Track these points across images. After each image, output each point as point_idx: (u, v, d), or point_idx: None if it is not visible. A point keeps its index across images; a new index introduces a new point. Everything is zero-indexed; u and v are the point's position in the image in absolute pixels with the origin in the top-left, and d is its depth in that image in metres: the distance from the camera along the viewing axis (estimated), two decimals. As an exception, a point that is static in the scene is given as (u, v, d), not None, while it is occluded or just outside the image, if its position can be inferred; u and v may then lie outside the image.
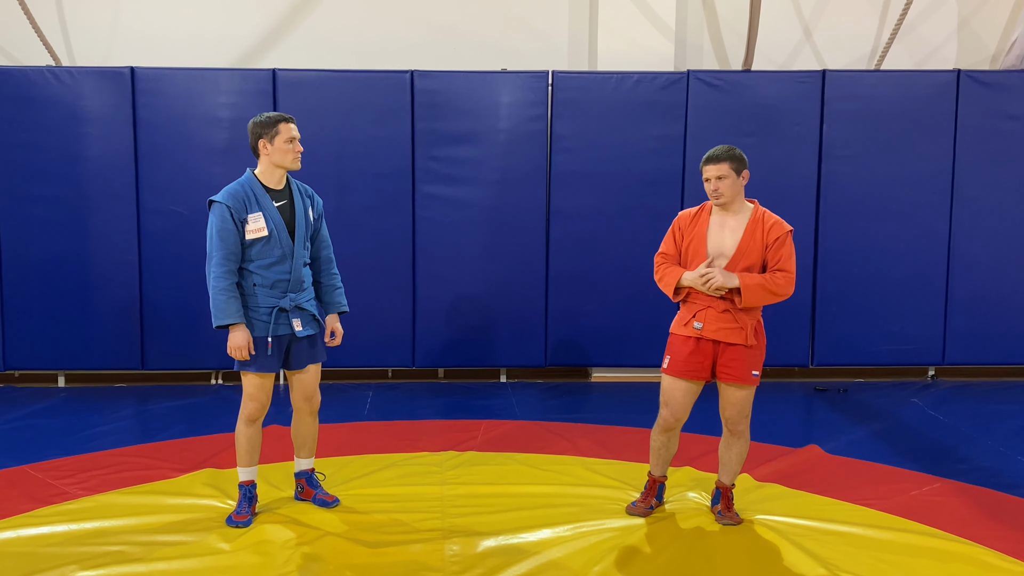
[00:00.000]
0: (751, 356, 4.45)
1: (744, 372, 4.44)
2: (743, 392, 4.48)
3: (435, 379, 7.97)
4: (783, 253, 4.39)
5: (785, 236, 4.40)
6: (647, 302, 7.69)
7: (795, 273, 4.42)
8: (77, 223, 7.35)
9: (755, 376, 4.47)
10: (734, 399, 4.49)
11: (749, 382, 4.45)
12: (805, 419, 6.87)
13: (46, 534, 4.38)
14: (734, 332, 4.42)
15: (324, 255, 4.77)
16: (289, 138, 4.47)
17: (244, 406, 4.56)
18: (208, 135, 7.36)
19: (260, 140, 4.47)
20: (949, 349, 7.82)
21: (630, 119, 7.51)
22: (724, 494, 4.64)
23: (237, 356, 4.40)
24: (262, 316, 4.46)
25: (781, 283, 4.36)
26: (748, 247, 4.41)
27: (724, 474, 4.66)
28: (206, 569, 4.03)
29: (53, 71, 7.27)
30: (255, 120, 4.49)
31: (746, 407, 4.53)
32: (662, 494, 4.80)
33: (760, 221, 4.44)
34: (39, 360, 7.49)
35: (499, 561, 4.12)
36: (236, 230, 4.39)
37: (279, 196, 4.55)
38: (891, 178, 7.64)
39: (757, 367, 4.47)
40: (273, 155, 4.48)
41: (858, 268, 7.71)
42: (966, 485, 5.16)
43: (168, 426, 6.37)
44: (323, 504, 4.79)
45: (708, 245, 4.49)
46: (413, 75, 7.43)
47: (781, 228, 4.41)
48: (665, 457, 4.73)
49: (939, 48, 8.29)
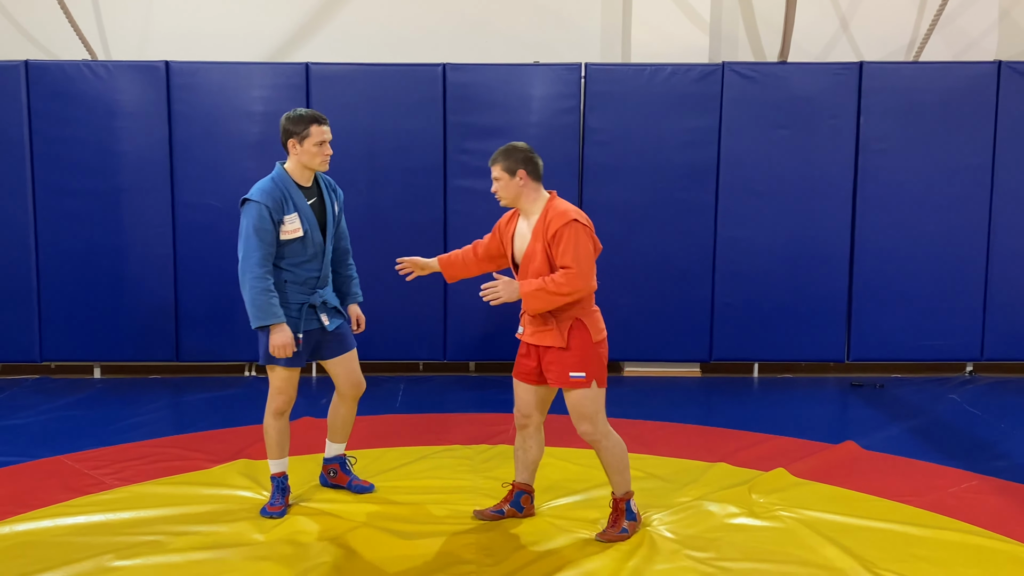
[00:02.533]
0: (567, 358, 4.17)
1: (561, 374, 4.17)
2: (573, 396, 4.19)
3: (466, 372, 7.97)
4: (562, 248, 4.09)
5: (563, 229, 4.09)
6: (680, 296, 7.65)
7: (584, 265, 4.08)
8: (113, 216, 7.41)
9: (576, 379, 4.15)
10: (568, 406, 4.23)
11: (568, 384, 4.16)
12: (841, 415, 6.80)
13: (82, 523, 4.42)
14: (545, 334, 4.21)
15: (343, 247, 4.78)
16: (319, 141, 4.42)
17: (272, 399, 4.56)
18: (241, 129, 7.39)
19: (290, 139, 4.44)
20: (988, 344, 7.70)
21: (664, 112, 7.46)
22: (613, 506, 4.34)
23: (280, 354, 4.39)
24: (292, 312, 4.47)
25: (560, 282, 4.05)
26: (534, 250, 4.19)
27: (611, 484, 4.36)
28: (240, 559, 4.05)
29: (89, 65, 7.33)
30: (288, 116, 4.45)
31: (583, 414, 4.19)
32: (519, 502, 4.51)
33: (544, 218, 4.18)
34: (75, 352, 7.57)
35: (532, 554, 4.10)
36: (273, 229, 4.37)
37: (309, 193, 4.54)
38: (929, 172, 7.53)
39: (577, 368, 4.15)
40: (302, 156, 4.45)
41: (895, 262, 7.61)
42: (1005, 482, 5.08)
43: (202, 417, 6.42)
44: (360, 490, 4.80)
45: (514, 250, 4.35)
46: (445, 68, 7.42)
47: (560, 220, 4.11)
48: (523, 460, 4.50)
49: (979, 39, 8.15)
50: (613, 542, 4.23)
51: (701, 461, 5.40)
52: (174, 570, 3.94)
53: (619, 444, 4.30)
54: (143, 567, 3.96)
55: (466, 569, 3.97)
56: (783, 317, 7.65)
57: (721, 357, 7.75)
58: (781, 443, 5.80)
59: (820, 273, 7.63)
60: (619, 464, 4.29)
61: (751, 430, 6.13)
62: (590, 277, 4.14)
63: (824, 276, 7.63)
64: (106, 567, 3.95)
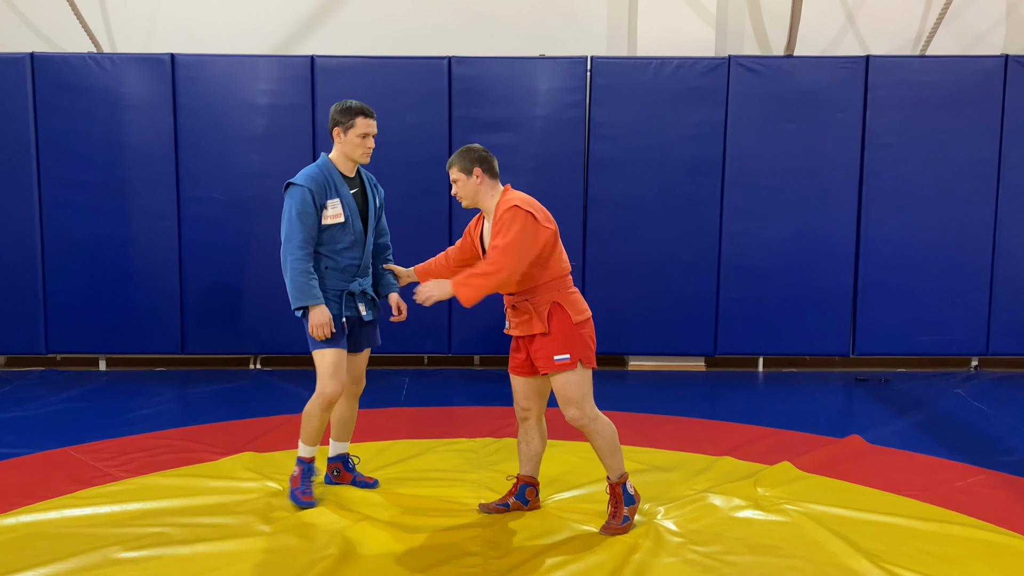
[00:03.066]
0: (550, 342, 4.18)
1: (547, 360, 4.19)
2: (559, 379, 4.19)
3: (471, 366, 7.97)
4: (495, 231, 4.11)
5: (504, 214, 4.10)
6: (685, 290, 7.64)
7: (513, 244, 4.03)
8: (118, 209, 7.42)
9: (560, 361, 4.16)
10: (556, 392, 4.24)
11: (555, 368, 4.17)
12: (846, 409, 6.79)
13: (89, 515, 4.43)
14: (526, 324, 4.24)
15: (382, 242, 4.82)
16: (363, 133, 4.46)
17: (324, 387, 4.47)
18: (247, 122, 7.39)
19: (336, 128, 4.48)
20: (993, 340, 7.69)
21: (670, 105, 7.45)
22: (611, 492, 4.33)
23: (319, 334, 4.39)
24: (332, 298, 4.50)
25: (485, 264, 4.06)
26: (494, 246, 4.15)
27: (606, 469, 4.36)
28: (247, 551, 4.05)
29: (94, 58, 7.33)
30: (337, 106, 4.49)
31: (569, 398, 4.20)
32: (524, 494, 4.52)
33: (498, 211, 4.19)
34: (81, 344, 7.58)
35: (537, 547, 4.11)
36: (316, 213, 4.40)
37: (352, 183, 4.59)
38: (936, 166, 7.52)
39: (561, 351, 4.16)
40: (344, 145, 4.49)
41: (901, 257, 7.60)
42: (1011, 476, 5.07)
43: (208, 410, 6.42)
44: (364, 486, 4.81)
45: (485, 251, 4.36)
46: (451, 61, 7.41)
47: (502, 208, 4.14)
48: (526, 453, 4.51)
49: (986, 34, 8.13)
50: (617, 535, 4.23)
51: (706, 455, 5.40)
52: (180, 562, 3.95)
53: (608, 426, 4.30)
54: (149, 559, 3.96)
55: (471, 561, 3.97)
56: (788, 311, 7.65)
57: (726, 351, 7.74)
58: (786, 437, 5.80)
59: (825, 267, 7.62)
60: (610, 447, 4.29)
61: (756, 424, 6.13)
62: (520, 256, 4.07)
63: (829, 270, 7.62)
64: (113, 559, 3.95)
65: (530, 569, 3.89)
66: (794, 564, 3.98)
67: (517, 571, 3.87)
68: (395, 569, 3.90)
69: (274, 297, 7.54)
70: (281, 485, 4.82)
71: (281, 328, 7.54)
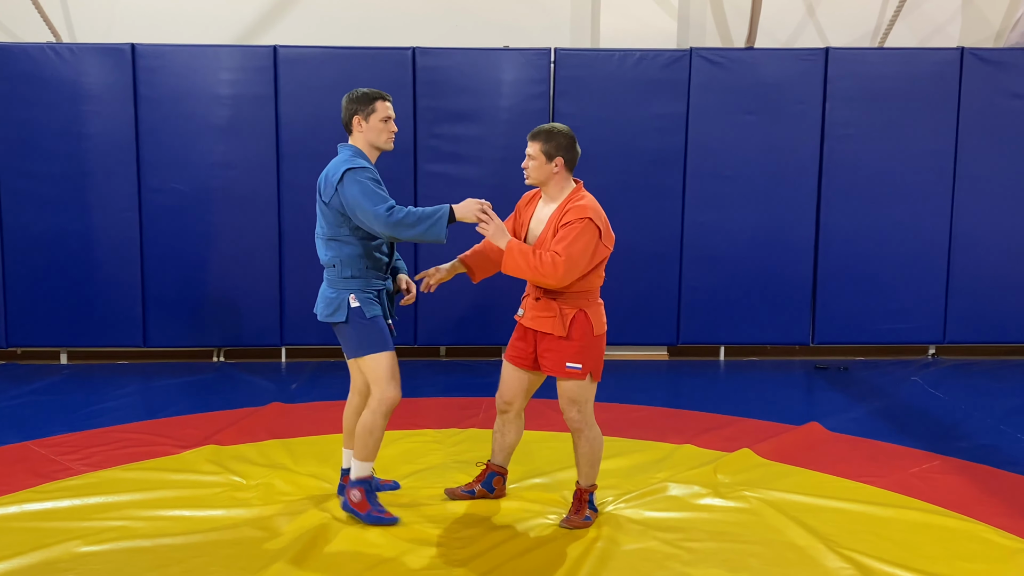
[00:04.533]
0: (566, 347, 4.16)
1: (557, 363, 4.17)
2: (566, 384, 4.19)
3: (437, 357, 7.99)
4: (563, 233, 4.04)
5: (576, 221, 4.04)
6: (648, 281, 7.70)
7: (572, 260, 3.99)
8: (78, 200, 7.35)
9: (572, 369, 4.15)
10: (560, 391, 4.23)
11: (563, 374, 4.17)
12: (806, 397, 6.89)
13: (50, 509, 4.40)
14: (546, 320, 4.19)
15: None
16: (385, 117, 4.27)
17: (385, 392, 4.21)
18: (209, 112, 7.34)
19: (355, 117, 4.27)
20: (950, 328, 7.82)
21: (633, 97, 7.49)
22: (576, 496, 4.34)
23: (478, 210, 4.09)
24: (374, 298, 4.27)
25: (546, 262, 3.99)
26: (545, 238, 4.15)
27: (578, 474, 4.36)
28: (210, 544, 4.05)
29: (53, 48, 7.24)
30: (350, 95, 4.29)
31: (573, 399, 4.20)
32: (491, 483, 4.54)
33: (563, 207, 4.14)
34: (41, 337, 7.51)
35: (502, 536, 4.14)
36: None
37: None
38: (893, 156, 7.63)
39: (575, 359, 4.16)
40: (368, 133, 4.29)
41: (859, 246, 7.71)
42: (965, 462, 5.18)
43: (170, 403, 6.39)
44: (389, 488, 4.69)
45: (529, 233, 4.29)
46: (415, 52, 7.40)
47: (575, 214, 4.07)
48: (500, 444, 4.50)
49: (943, 26, 8.25)
50: (577, 528, 4.25)
51: (668, 443, 5.46)
52: (143, 555, 3.94)
53: (599, 437, 4.33)
54: (112, 552, 3.95)
55: (433, 552, 3.99)
56: (749, 301, 7.73)
57: (688, 341, 7.82)
58: (747, 425, 5.88)
59: (786, 257, 7.71)
60: (594, 457, 4.31)
61: (717, 412, 6.20)
62: (575, 269, 4.05)
63: (790, 260, 7.72)
64: (75, 553, 3.93)
65: (492, 558, 3.92)
66: (753, 550, 4.04)
67: (479, 560, 3.90)
68: (358, 559, 3.92)
69: (237, 289, 7.53)
70: (244, 479, 4.81)
71: (244, 320, 7.51)
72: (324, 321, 4.28)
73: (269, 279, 7.53)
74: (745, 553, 4.01)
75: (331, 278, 4.26)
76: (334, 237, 4.22)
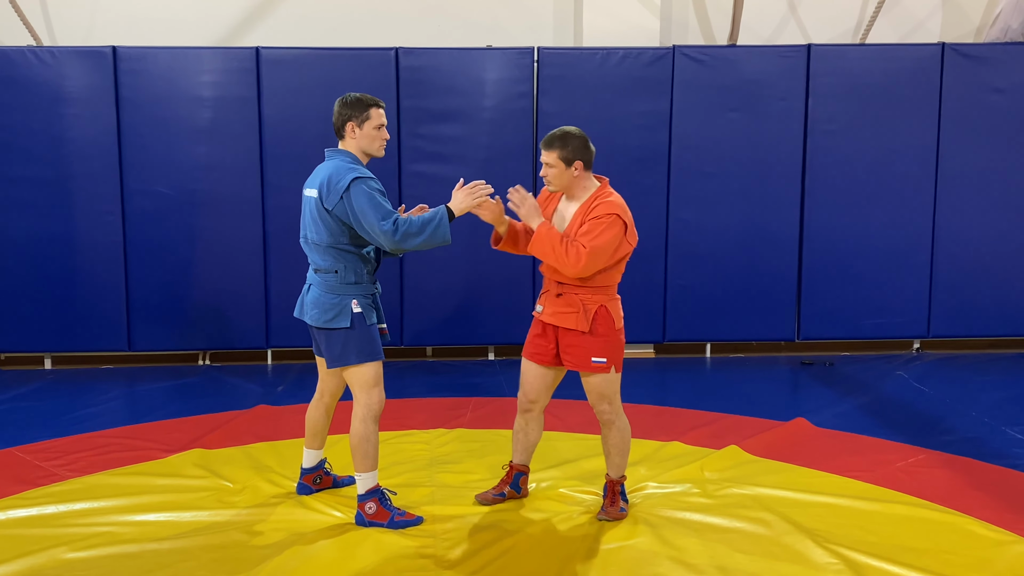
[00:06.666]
0: (590, 343, 4.20)
1: (582, 359, 4.22)
2: (593, 379, 4.25)
3: (423, 357, 7.98)
4: (590, 227, 4.09)
5: (604, 216, 4.09)
6: (634, 278, 7.67)
7: (596, 253, 4.05)
8: (61, 204, 7.30)
9: (597, 363, 4.21)
10: (587, 386, 4.29)
11: (589, 369, 4.22)
12: (792, 393, 6.92)
13: (35, 516, 4.37)
14: (568, 316, 4.21)
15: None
16: (379, 124, 4.23)
17: (371, 400, 4.23)
18: (191, 114, 7.31)
19: (348, 123, 4.22)
20: (934, 322, 7.86)
21: (616, 95, 7.50)
22: (609, 488, 4.41)
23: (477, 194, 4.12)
24: (367, 304, 4.25)
25: (571, 252, 4.03)
26: (570, 231, 4.20)
27: (608, 466, 4.42)
28: (196, 548, 4.04)
29: (34, 51, 7.20)
30: (344, 100, 4.24)
31: (603, 394, 4.27)
32: (519, 483, 4.58)
33: (589, 204, 4.19)
34: (25, 342, 7.46)
35: (489, 536, 4.14)
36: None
37: None
38: (876, 152, 7.66)
39: (600, 354, 4.21)
40: (361, 140, 4.24)
41: (843, 242, 7.73)
42: (951, 456, 5.21)
43: (155, 407, 6.36)
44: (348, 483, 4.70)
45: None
46: (398, 52, 7.38)
47: (604, 209, 4.12)
48: (523, 443, 4.53)
49: (924, 21, 8.29)
50: (614, 520, 4.30)
51: (655, 440, 5.47)
52: (130, 560, 3.92)
53: (628, 427, 4.38)
54: (97, 558, 3.93)
55: (423, 552, 3.99)
56: (734, 298, 7.75)
57: (674, 338, 7.83)
58: (733, 421, 5.89)
59: (770, 254, 7.73)
60: (623, 446, 4.37)
61: (704, 409, 6.21)
62: (598, 262, 4.09)
63: (774, 257, 7.74)
64: (60, 559, 3.91)
65: (482, 557, 3.93)
66: (741, 546, 4.05)
67: (469, 561, 3.90)
68: (346, 561, 3.91)
69: (222, 291, 7.50)
70: (231, 482, 4.79)
71: (230, 323, 7.48)
72: (318, 327, 4.23)
73: (254, 281, 7.50)
74: (733, 549, 4.02)
75: (331, 284, 4.21)
76: (335, 245, 4.18)
